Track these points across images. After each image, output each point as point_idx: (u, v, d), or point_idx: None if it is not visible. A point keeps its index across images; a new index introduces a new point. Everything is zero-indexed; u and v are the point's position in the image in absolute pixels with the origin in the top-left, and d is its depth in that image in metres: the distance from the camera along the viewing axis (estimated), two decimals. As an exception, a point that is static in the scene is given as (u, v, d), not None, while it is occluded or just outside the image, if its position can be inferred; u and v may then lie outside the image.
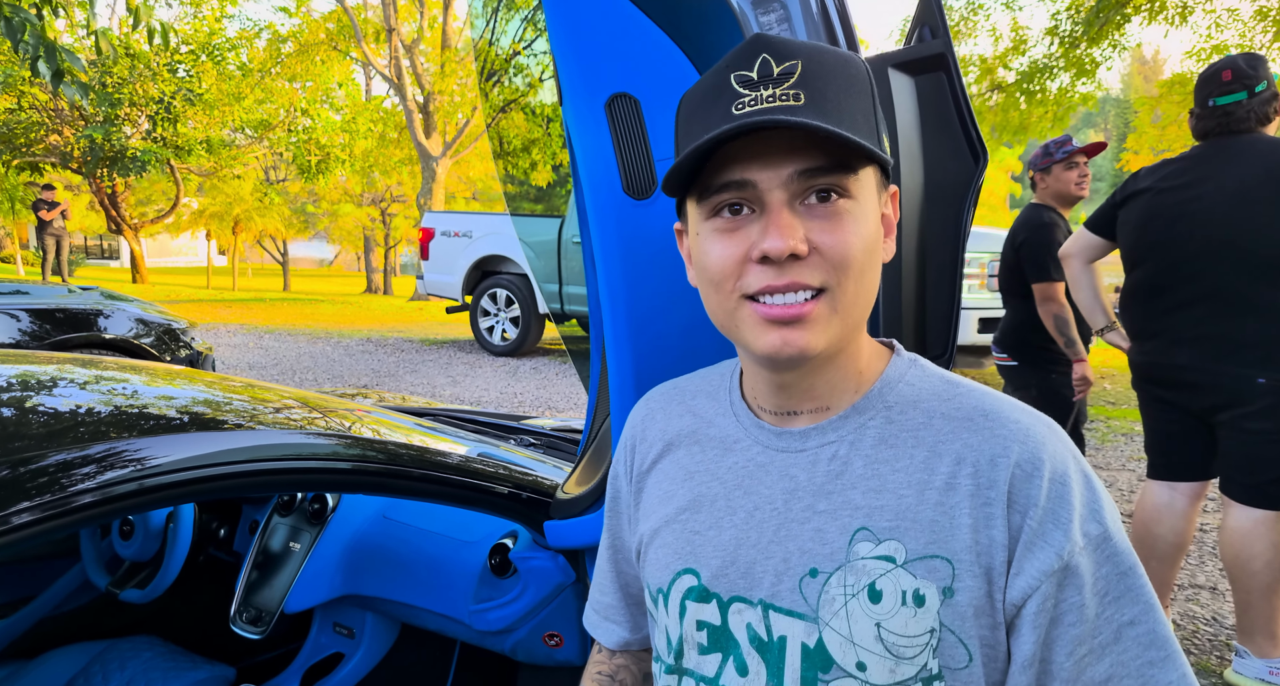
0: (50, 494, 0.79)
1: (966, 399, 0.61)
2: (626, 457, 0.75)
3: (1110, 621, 0.55)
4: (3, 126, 11.25)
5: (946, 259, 0.79)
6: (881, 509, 0.58)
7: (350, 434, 1.17)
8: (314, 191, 21.97)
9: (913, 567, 0.57)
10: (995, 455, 0.57)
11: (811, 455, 0.62)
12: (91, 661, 1.64)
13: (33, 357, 1.28)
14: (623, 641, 0.80)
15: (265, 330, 9.18)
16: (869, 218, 0.58)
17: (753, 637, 0.61)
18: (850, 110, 0.56)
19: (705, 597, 0.64)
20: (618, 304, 0.87)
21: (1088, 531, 0.56)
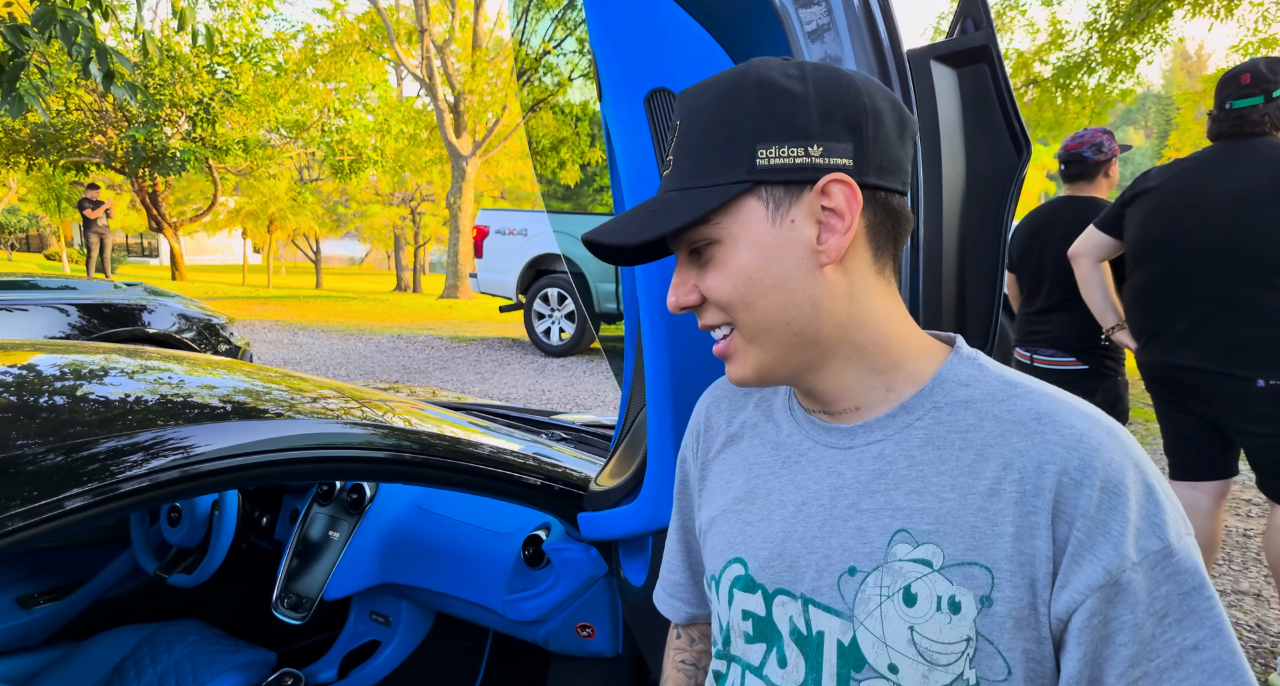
0: (100, 480, 0.82)
1: (1022, 401, 0.59)
2: (694, 444, 0.78)
3: (1171, 644, 0.53)
4: (50, 127, 11.60)
5: (987, 251, 0.79)
6: (922, 511, 0.58)
7: (386, 424, 1.20)
8: (346, 191, 22.29)
9: (950, 573, 0.56)
10: (1043, 461, 0.55)
11: (859, 452, 0.63)
12: (140, 643, 1.70)
13: (82, 348, 1.33)
14: (689, 616, 0.83)
15: (299, 327, 9.36)
16: (745, 248, 0.60)
17: (793, 631, 0.62)
18: (704, 152, 0.60)
19: (751, 587, 0.65)
20: (654, 298, 0.88)
21: (1144, 546, 0.53)
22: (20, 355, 1.21)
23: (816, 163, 0.58)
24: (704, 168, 0.60)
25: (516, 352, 7.71)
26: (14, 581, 1.82)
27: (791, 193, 0.60)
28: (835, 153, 0.59)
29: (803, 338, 0.61)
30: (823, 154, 0.58)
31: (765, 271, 0.60)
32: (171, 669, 1.65)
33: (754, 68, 0.60)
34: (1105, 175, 2.72)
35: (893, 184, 0.61)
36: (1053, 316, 2.72)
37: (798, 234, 0.60)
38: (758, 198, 0.60)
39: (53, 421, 0.91)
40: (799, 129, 0.58)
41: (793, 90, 0.59)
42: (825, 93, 0.59)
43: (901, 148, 0.62)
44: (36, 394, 1.02)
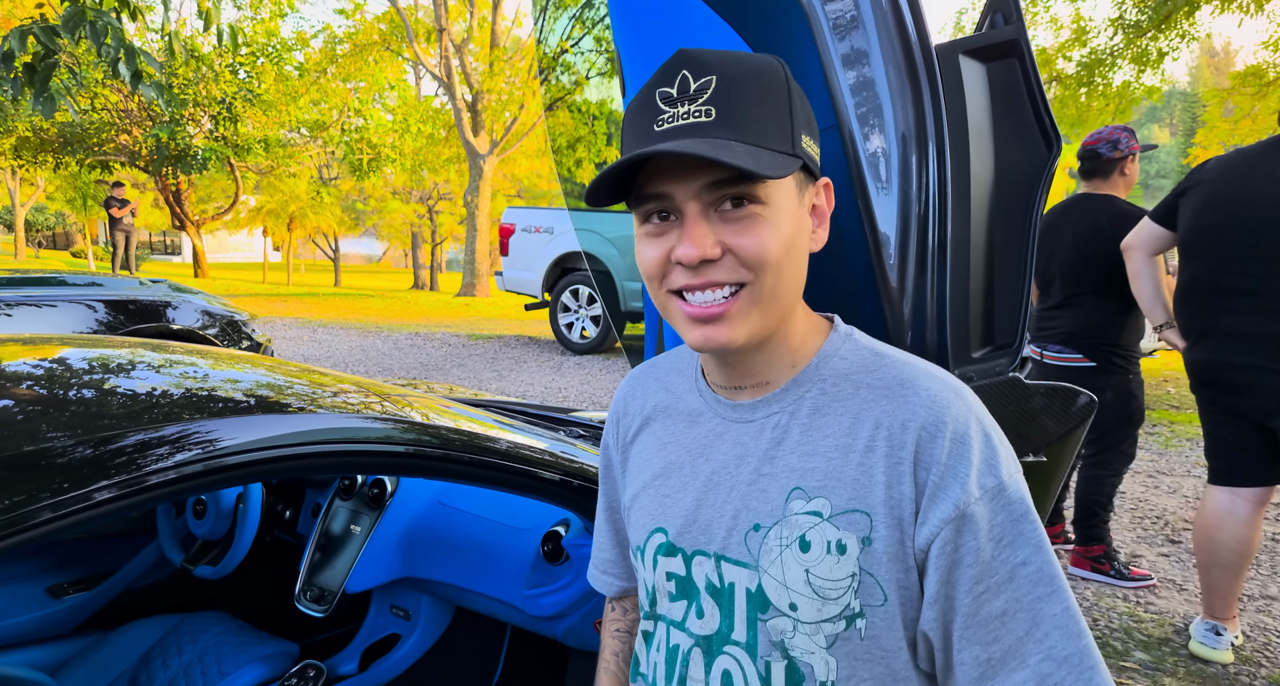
0: (127, 472, 0.83)
1: (889, 370, 0.68)
2: (613, 431, 0.85)
3: (1005, 563, 0.62)
4: (77, 126, 11.79)
5: (1015, 246, 0.79)
6: (812, 470, 0.66)
7: (406, 418, 1.21)
8: (364, 189, 22.47)
9: (837, 521, 0.64)
10: (906, 420, 0.64)
11: (759, 425, 0.70)
12: (167, 633, 1.72)
13: (109, 342, 1.35)
14: (621, 590, 0.90)
15: (319, 324, 9.45)
16: (785, 217, 0.64)
17: (709, 585, 0.70)
18: (760, 118, 0.63)
19: (672, 552, 0.73)
20: None
21: (984, 484, 0.62)
22: (49, 349, 1.24)
23: (818, 162, 0.67)
24: (763, 133, 0.63)
25: (533, 350, 7.74)
26: (44, 571, 1.85)
27: (807, 182, 0.67)
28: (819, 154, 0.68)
29: (785, 311, 0.68)
30: (820, 156, 0.68)
31: (794, 242, 0.66)
32: (197, 659, 1.67)
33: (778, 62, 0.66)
34: (1122, 173, 2.68)
35: None
36: (1062, 312, 2.70)
37: (806, 219, 0.68)
38: (794, 177, 0.66)
39: (81, 414, 0.92)
40: (814, 128, 0.67)
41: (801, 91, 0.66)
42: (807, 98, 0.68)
43: None
44: (66, 387, 1.04)
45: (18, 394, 0.98)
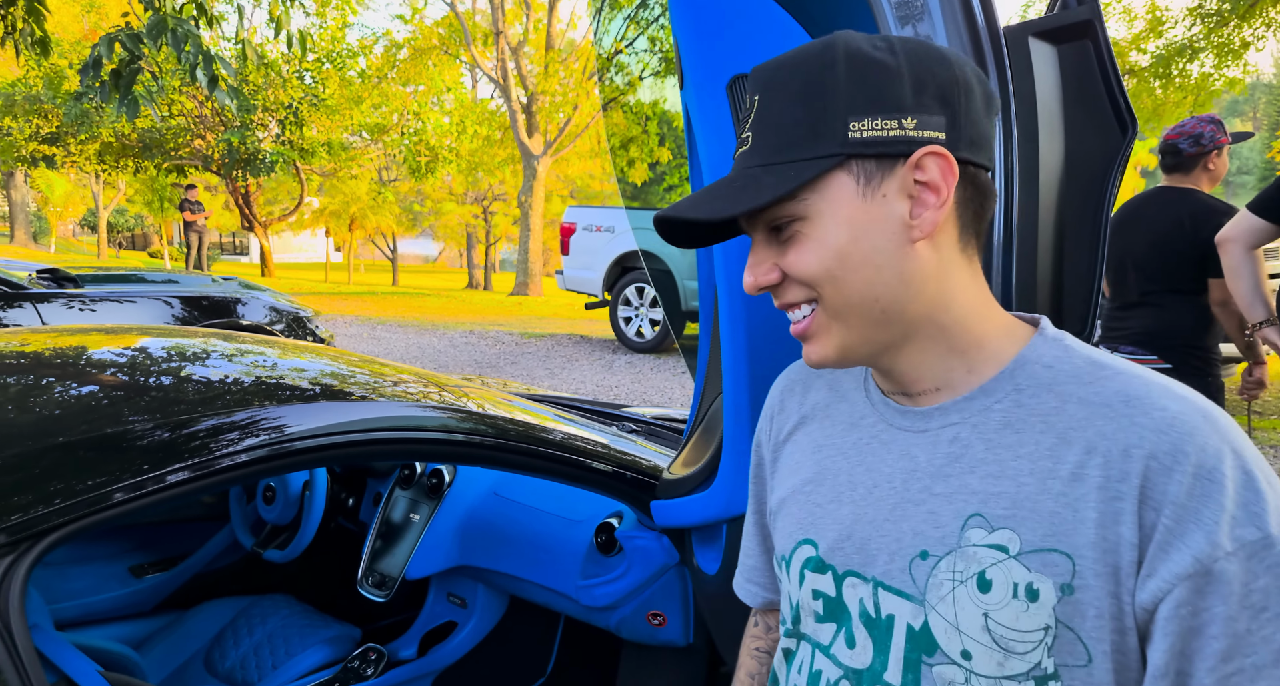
0: (200, 456, 0.87)
1: (1110, 382, 0.57)
2: (767, 427, 0.78)
3: (1270, 641, 0.50)
4: (155, 132, 12.39)
5: (1087, 233, 0.77)
6: (999, 495, 0.57)
7: (463, 408, 1.24)
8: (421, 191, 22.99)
9: (1027, 560, 0.55)
10: (1130, 445, 0.53)
11: (933, 436, 0.62)
12: (238, 615, 1.80)
13: (184, 333, 1.41)
14: (766, 601, 0.83)
15: (377, 322, 9.71)
16: (835, 224, 0.59)
17: (863, 613, 0.62)
18: (788, 124, 0.59)
19: (821, 568, 0.65)
20: (733, 282, 0.89)
21: (1240, 536, 0.50)
22: (130, 339, 1.30)
23: (910, 135, 0.57)
24: (789, 143, 0.59)
25: (585, 349, 7.80)
26: (126, 552, 1.95)
27: (884, 166, 0.58)
28: (929, 125, 0.57)
29: (889, 315, 0.60)
30: (917, 127, 0.57)
31: (854, 247, 0.59)
32: (266, 640, 1.74)
33: (840, 40, 0.59)
34: (1206, 168, 2.55)
35: (981, 159, 0.60)
36: (1136, 312, 2.58)
37: (889, 209, 0.58)
38: (848, 172, 0.59)
39: (158, 400, 0.97)
40: (892, 101, 0.57)
41: (884, 62, 0.57)
42: (917, 64, 0.58)
43: (988, 123, 0.61)
44: (144, 374, 1.10)
45: (101, 380, 1.03)
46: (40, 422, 0.88)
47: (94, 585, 1.83)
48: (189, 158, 12.90)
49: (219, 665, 1.71)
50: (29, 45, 3.16)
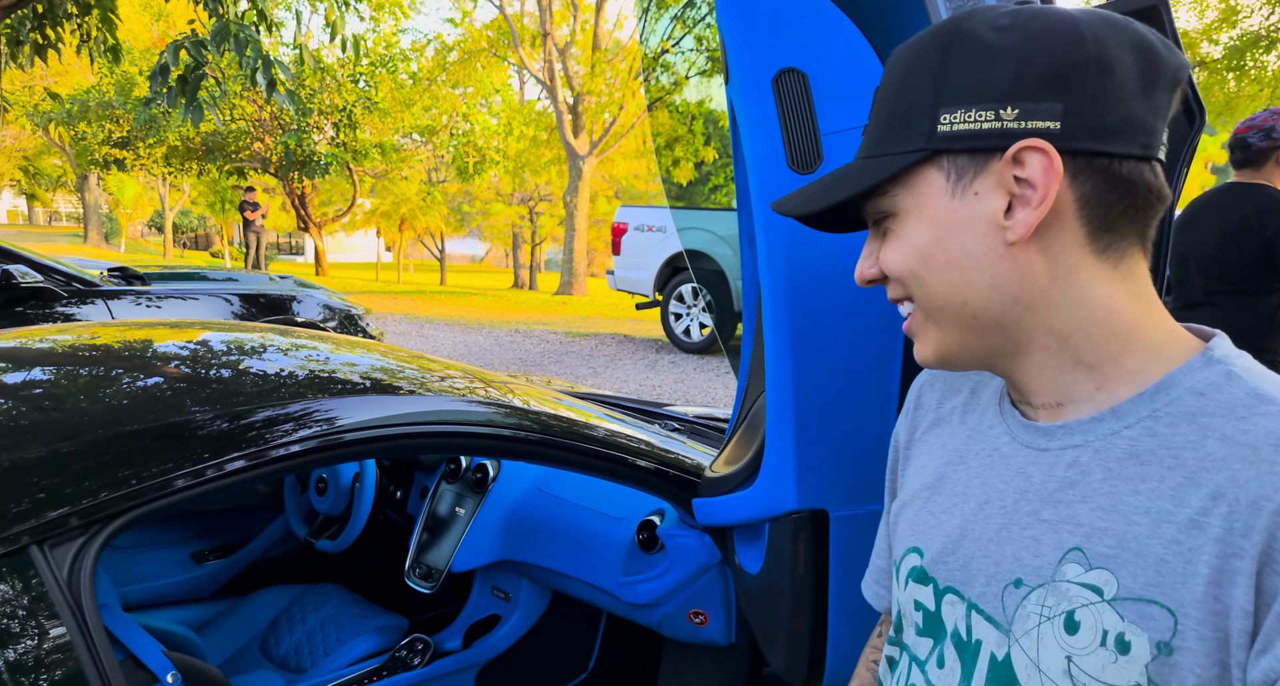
0: (256, 446, 0.90)
1: (1268, 422, 0.48)
2: (905, 422, 0.74)
3: None
4: (217, 135, 12.86)
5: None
6: (1104, 532, 0.51)
7: (508, 404, 1.25)
8: (469, 191, 23.35)
9: (1122, 607, 0.49)
10: (1261, 496, 0.46)
11: (1052, 457, 0.56)
12: (292, 602, 1.86)
13: (242, 327, 1.47)
14: (889, 605, 0.78)
15: (425, 320, 9.89)
16: (919, 222, 0.56)
17: (955, 633, 0.59)
18: (890, 115, 0.57)
19: (924, 579, 0.62)
20: (778, 279, 0.88)
21: None
22: (192, 333, 1.36)
23: (1009, 127, 0.52)
24: (888, 134, 0.57)
25: (628, 348, 7.83)
26: (188, 539, 2.03)
27: (977, 161, 0.53)
28: (1035, 115, 0.51)
29: (982, 321, 0.56)
30: (1018, 117, 0.51)
31: (939, 247, 0.55)
32: (319, 627, 1.80)
33: (955, 21, 0.55)
34: (1277, 163, 2.43)
35: (1123, 147, 0.52)
36: (1199, 312, 2.47)
37: (981, 207, 0.54)
38: (938, 167, 0.55)
39: (219, 391, 1.01)
40: (990, 89, 0.52)
41: (990, 44, 0.52)
42: (1033, 45, 0.51)
43: (1146, 102, 0.52)
44: (205, 366, 1.14)
45: (165, 372, 1.08)
46: (109, 411, 0.92)
47: (159, 569, 1.91)
48: (248, 160, 13.36)
49: (274, 650, 1.77)
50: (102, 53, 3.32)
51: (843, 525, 0.97)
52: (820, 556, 0.98)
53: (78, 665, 0.74)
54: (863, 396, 0.90)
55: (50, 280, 3.80)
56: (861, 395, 0.90)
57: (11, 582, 0.74)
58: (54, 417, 0.90)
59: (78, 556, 0.78)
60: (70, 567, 0.77)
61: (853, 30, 0.85)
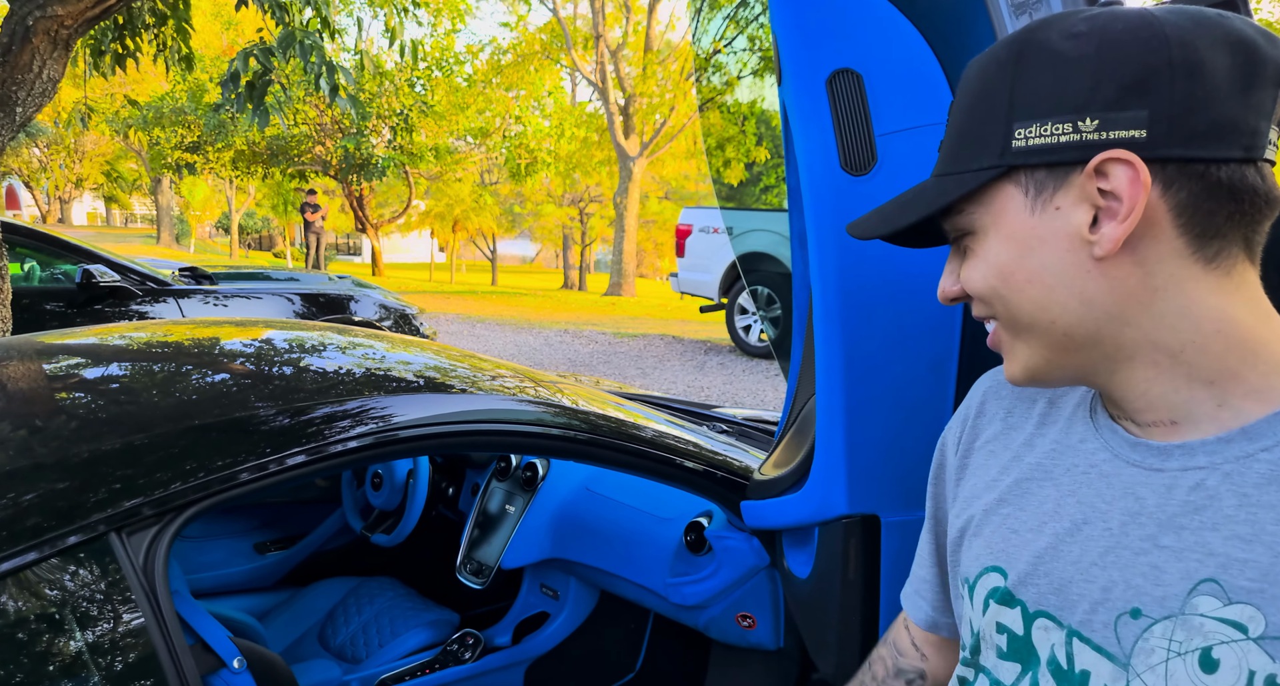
0: (315, 441, 0.93)
1: None
2: (959, 429, 0.70)
3: None
4: (281, 139, 13.33)
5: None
6: (1245, 563, 0.48)
7: (557, 403, 1.26)
8: (520, 193, 23.67)
9: (1272, 647, 0.46)
10: None
11: (1169, 478, 0.52)
12: (348, 594, 1.91)
13: (303, 326, 1.52)
14: (930, 620, 0.75)
15: (477, 320, 10.06)
16: (996, 240, 0.55)
17: (1052, 660, 0.55)
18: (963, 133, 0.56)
19: (1009, 601, 0.59)
20: (829, 281, 0.87)
21: None
22: (256, 331, 1.41)
23: (1089, 139, 0.50)
24: (961, 151, 0.55)
25: (677, 349, 7.82)
26: (251, 530, 2.11)
27: (1056, 176, 0.51)
28: (1116, 124, 0.49)
29: (1074, 338, 0.53)
30: (1098, 128, 0.49)
31: (1020, 265, 0.53)
32: (373, 619, 1.84)
33: (1028, 31, 0.53)
34: None
35: (1220, 151, 0.49)
36: None
37: (1063, 223, 0.52)
38: (1015, 184, 0.53)
39: (281, 388, 1.05)
40: (1067, 100, 0.50)
41: (1064, 54, 0.50)
42: (1112, 51, 0.49)
43: (1244, 101, 0.48)
44: (268, 363, 1.18)
45: (231, 368, 1.12)
46: (181, 406, 0.97)
47: (223, 559, 1.99)
48: (310, 163, 13.81)
49: (331, 640, 1.82)
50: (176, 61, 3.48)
51: (894, 531, 0.95)
52: (871, 562, 0.96)
53: (151, 648, 0.77)
54: (916, 400, 0.89)
55: (127, 280, 4.00)
56: (915, 399, 0.88)
57: (90, 568, 0.78)
58: (129, 411, 0.94)
59: (152, 544, 0.81)
60: (145, 555, 0.80)
61: (909, 29, 0.83)
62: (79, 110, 3.46)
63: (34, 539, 0.74)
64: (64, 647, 0.74)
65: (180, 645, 0.80)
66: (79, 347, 1.20)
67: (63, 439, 0.87)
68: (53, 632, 0.74)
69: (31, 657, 0.71)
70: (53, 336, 1.27)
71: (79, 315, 3.89)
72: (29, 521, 0.75)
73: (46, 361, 1.14)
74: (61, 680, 0.72)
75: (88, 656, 0.75)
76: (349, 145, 12.38)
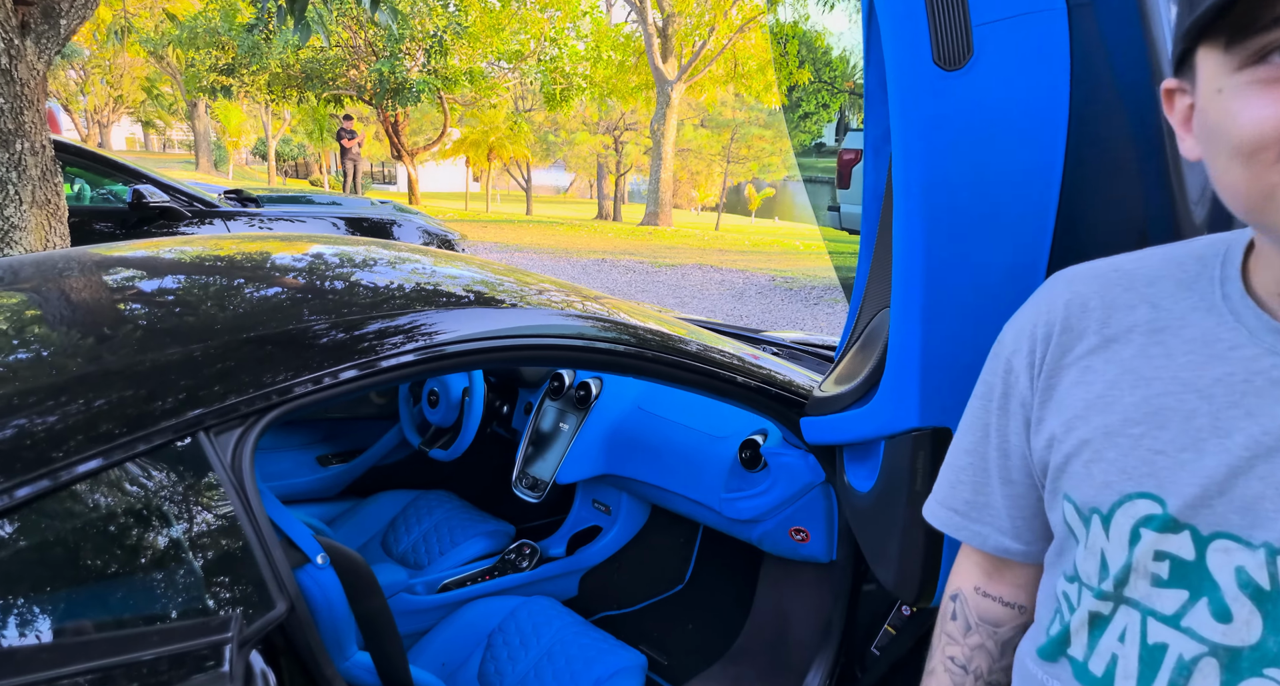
0: (367, 356, 0.94)
1: None
2: (1032, 347, 0.64)
3: None
4: (316, 62, 13.14)
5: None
6: None
7: (606, 318, 1.24)
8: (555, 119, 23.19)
9: None
10: None
11: None
12: (407, 505, 1.99)
13: (350, 241, 1.50)
14: (1002, 548, 0.70)
15: (515, 248, 10.06)
16: None
17: (1245, 582, 0.52)
18: None
19: (1173, 527, 0.55)
20: (912, 182, 0.83)
21: None
22: (302, 246, 1.40)
23: None
24: None
25: (714, 278, 7.76)
26: (313, 443, 2.19)
27: None
28: None
29: None
30: None
31: None
32: (433, 529, 1.92)
33: None
34: None
35: None
36: None
37: None
38: None
39: (332, 301, 1.05)
40: None
41: None
42: None
43: None
44: (320, 278, 1.18)
45: (293, 283, 1.13)
46: (249, 316, 0.98)
47: (290, 469, 2.08)
48: (344, 88, 13.62)
49: (394, 548, 1.91)
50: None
51: (966, 444, 0.94)
52: (939, 474, 0.96)
53: (244, 540, 0.81)
54: (997, 308, 0.86)
55: (175, 200, 4.05)
56: (995, 307, 0.85)
57: (183, 467, 0.81)
58: (202, 320, 0.96)
59: (240, 441, 0.85)
60: (233, 453, 0.84)
61: None
62: (116, 25, 3.42)
63: (129, 436, 0.77)
64: (163, 540, 0.78)
65: (271, 539, 0.84)
66: (137, 260, 1.22)
67: (142, 344, 0.89)
68: (152, 526, 0.78)
69: (130, 551, 0.75)
70: (115, 248, 1.29)
71: (130, 234, 3.97)
72: (119, 422, 0.78)
73: (115, 271, 1.16)
74: (160, 572, 0.76)
75: (187, 548, 0.79)
76: (384, 68, 12.16)
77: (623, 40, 16.56)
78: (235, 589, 0.80)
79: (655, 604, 1.90)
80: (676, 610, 1.88)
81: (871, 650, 1.41)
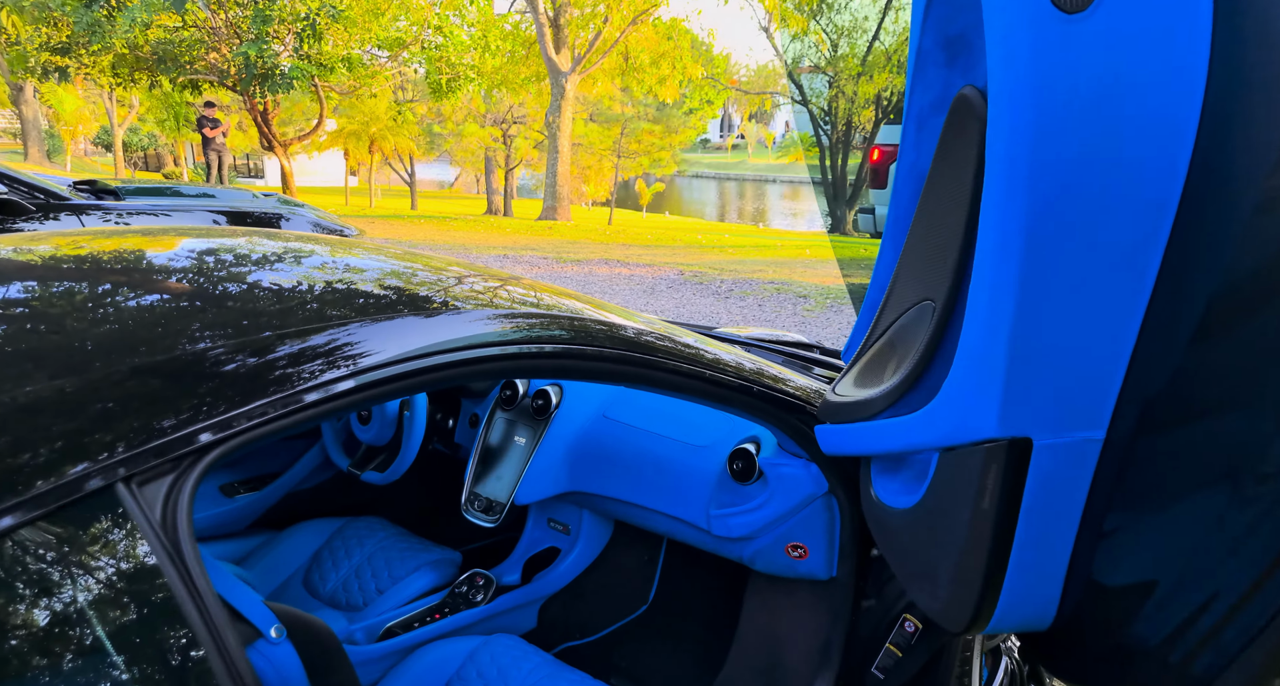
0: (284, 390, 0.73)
1: None
2: None
3: None
4: (168, 43, 11.94)
5: None
6: None
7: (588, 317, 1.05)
8: (439, 111, 22.35)
9: None
10: None
11: None
12: (333, 535, 1.73)
13: (225, 233, 1.22)
14: None
15: (409, 244, 9.55)
16: None
17: None
18: None
19: None
20: (1018, 152, 0.70)
21: None
22: (169, 241, 1.12)
23: None
24: None
25: (622, 273, 7.64)
26: (215, 471, 1.88)
27: None
28: None
29: None
30: None
31: None
32: (366, 562, 1.67)
33: None
34: None
35: None
36: None
37: None
38: None
39: (230, 313, 0.81)
40: None
41: None
42: None
43: None
44: (210, 281, 0.92)
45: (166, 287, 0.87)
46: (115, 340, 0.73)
47: (186, 504, 1.76)
48: (204, 72, 12.46)
49: (320, 587, 1.65)
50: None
51: (1044, 455, 0.84)
52: (1014, 490, 0.85)
53: (184, 619, 0.60)
54: (1102, 298, 0.75)
55: (14, 191, 3.48)
56: (1101, 297, 0.75)
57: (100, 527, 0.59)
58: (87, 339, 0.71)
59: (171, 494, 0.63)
60: (163, 508, 0.63)
61: None
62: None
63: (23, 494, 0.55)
64: (74, 631, 0.56)
65: (216, 613, 0.63)
66: None
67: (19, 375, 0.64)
68: (60, 611, 0.56)
69: (32, 646, 0.53)
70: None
71: (-41, 235, 3.37)
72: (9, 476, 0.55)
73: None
74: (74, 670, 0.55)
75: (105, 638, 0.57)
76: (250, 52, 11.21)
77: (510, 29, 16.13)
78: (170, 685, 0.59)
79: (619, 629, 1.74)
80: (644, 634, 1.73)
81: (873, 672, 1.31)
